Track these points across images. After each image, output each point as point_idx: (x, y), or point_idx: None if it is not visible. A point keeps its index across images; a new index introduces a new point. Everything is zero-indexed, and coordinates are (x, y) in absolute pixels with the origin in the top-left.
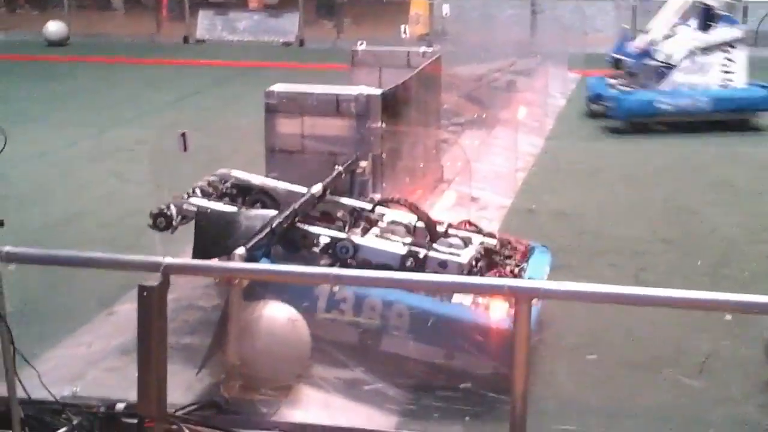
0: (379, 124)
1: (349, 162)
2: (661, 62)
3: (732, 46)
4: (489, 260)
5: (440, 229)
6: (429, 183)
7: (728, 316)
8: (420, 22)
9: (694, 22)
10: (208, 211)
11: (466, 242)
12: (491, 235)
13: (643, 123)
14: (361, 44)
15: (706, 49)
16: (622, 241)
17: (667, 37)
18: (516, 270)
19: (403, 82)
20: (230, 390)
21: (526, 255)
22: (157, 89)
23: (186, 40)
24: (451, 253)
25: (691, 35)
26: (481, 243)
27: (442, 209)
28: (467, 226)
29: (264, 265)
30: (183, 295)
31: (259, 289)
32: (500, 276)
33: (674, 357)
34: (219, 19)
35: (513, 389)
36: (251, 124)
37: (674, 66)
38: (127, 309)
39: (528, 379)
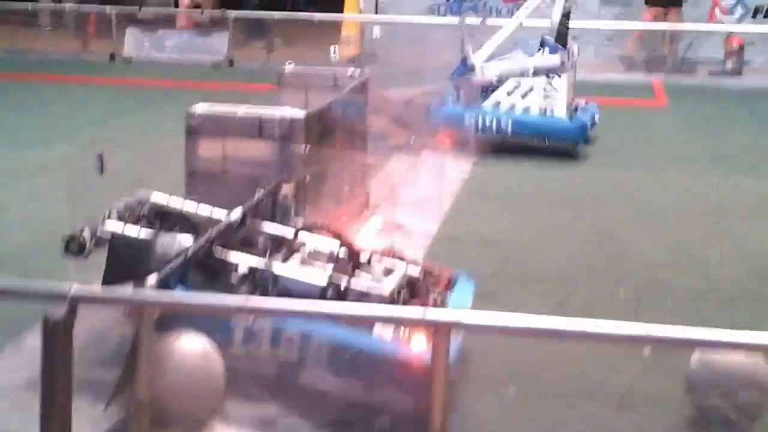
0: (303, 147)
1: (271, 186)
2: (481, 80)
3: (554, 74)
4: (412, 290)
5: (363, 256)
6: (354, 208)
7: (647, 352)
8: (351, 43)
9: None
10: (122, 235)
11: (389, 271)
12: (415, 264)
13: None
14: (289, 64)
15: (534, 74)
16: (547, 269)
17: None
18: (439, 300)
19: (328, 104)
20: (139, 426)
21: (450, 284)
22: (82, 108)
23: (113, 57)
24: (374, 282)
25: (516, 58)
26: (404, 272)
27: (368, 235)
28: (391, 253)
29: (177, 295)
30: (95, 324)
31: (171, 320)
32: (423, 306)
33: (595, 390)
34: (147, 37)
35: (431, 425)
36: (176, 145)
37: (497, 85)
38: (38, 340)
39: (447, 414)
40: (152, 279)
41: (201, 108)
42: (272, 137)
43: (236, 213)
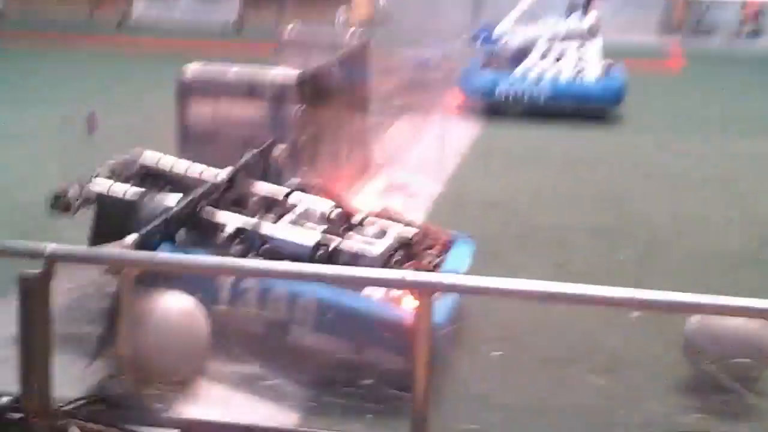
0: (297, 107)
1: (262, 146)
2: (512, 47)
3: (584, 39)
4: (408, 251)
5: (357, 218)
6: (356, 169)
7: (635, 314)
8: (365, 6)
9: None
10: (109, 195)
11: (383, 233)
12: (410, 225)
13: (494, 105)
14: (292, 26)
15: (562, 39)
16: (549, 231)
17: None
18: (435, 261)
19: (324, 64)
20: (122, 384)
21: (447, 246)
22: (89, 70)
23: (122, 21)
24: (365, 243)
25: (544, 24)
26: (399, 233)
27: (369, 196)
28: (387, 215)
29: (156, 255)
30: (80, 282)
31: (157, 277)
32: (417, 268)
33: (586, 354)
34: (156, 1)
35: (415, 387)
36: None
37: (527, 52)
38: None
39: (431, 376)
40: (130, 239)
41: (193, 68)
42: (264, 98)
43: (224, 173)
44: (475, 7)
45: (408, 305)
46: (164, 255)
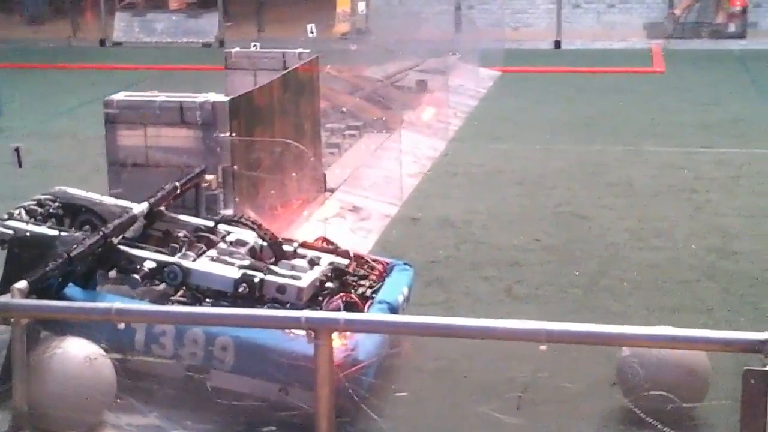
0: (228, 133)
1: (188, 176)
2: None
3: None
4: (341, 282)
5: (289, 247)
6: (304, 194)
7: (543, 347)
8: (347, 20)
9: None
10: (22, 235)
11: (314, 263)
12: (345, 254)
13: None
14: (254, 46)
15: None
16: (503, 251)
17: None
18: (368, 292)
19: (259, 87)
20: None
21: (384, 274)
22: (62, 96)
23: (102, 43)
24: (292, 276)
25: None
26: (331, 263)
27: (316, 222)
28: (323, 243)
29: (38, 302)
30: None
31: (63, 323)
32: (348, 299)
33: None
34: (136, 21)
35: (317, 428)
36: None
37: None
38: None
39: (333, 417)
40: (22, 284)
41: (119, 96)
42: (195, 124)
43: (140, 207)
44: (457, 21)
45: (335, 342)
46: (49, 303)
